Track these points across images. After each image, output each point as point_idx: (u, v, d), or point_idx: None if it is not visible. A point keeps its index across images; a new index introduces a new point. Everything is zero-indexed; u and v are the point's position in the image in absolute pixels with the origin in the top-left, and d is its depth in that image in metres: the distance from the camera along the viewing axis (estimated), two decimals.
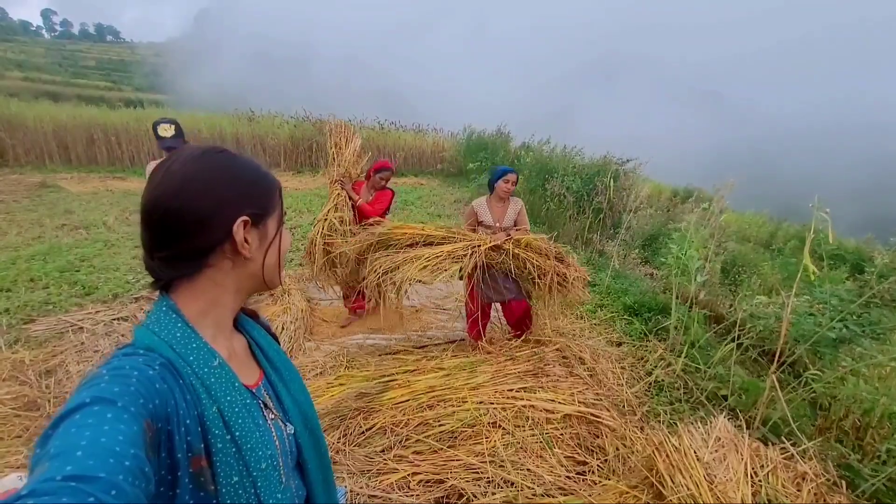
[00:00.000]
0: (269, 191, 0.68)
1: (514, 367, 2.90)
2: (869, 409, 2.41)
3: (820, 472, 2.02)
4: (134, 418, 0.46)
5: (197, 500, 0.55)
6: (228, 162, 0.64)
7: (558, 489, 2.15)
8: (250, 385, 0.68)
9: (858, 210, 8.64)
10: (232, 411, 0.60)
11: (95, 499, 0.36)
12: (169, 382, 0.55)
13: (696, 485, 1.82)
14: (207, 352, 0.61)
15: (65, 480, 0.36)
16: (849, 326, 2.50)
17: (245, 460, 0.60)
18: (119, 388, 0.48)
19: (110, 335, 3.42)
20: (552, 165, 8.11)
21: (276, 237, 0.69)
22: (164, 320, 0.61)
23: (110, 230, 5.88)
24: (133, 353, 0.56)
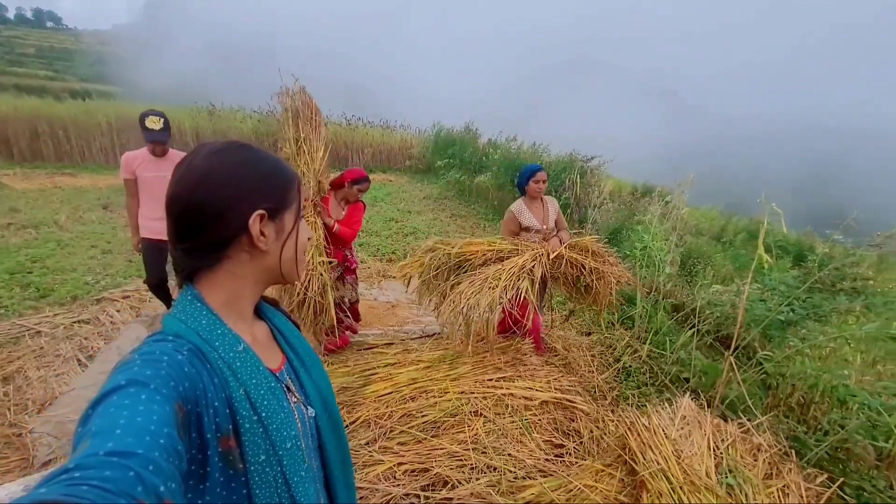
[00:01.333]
0: (287, 185, 0.70)
1: (493, 358, 2.99)
2: (813, 385, 2.65)
3: (773, 443, 2.22)
4: (166, 399, 0.49)
5: (226, 477, 0.59)
6: (247, 156, 0.66)
7: (538, 471, 2.25)
8: (274, 369, 0.71)
9: (796, 204, 9.48)
10: (258, 393, 0.63)
11: (135, 473, 0.38)
12: (197, 367, 0.57)
13: (665, 459, 1.97)
14: (232, 337, 0.64)
15: (107, 455, 0.39)
16: (795, 310, 2.73)
17: (272, 439, 0.63)
18: (151, 371, 0.51)
19: (71, 338, 3.27)
20: (520, 162, 8.29)
21: (294, 231, 0.71)
22: (189, 309, 0.64)
23: (63, 229, 5.56)
24: (163, 340, 0.59)
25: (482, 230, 7.42)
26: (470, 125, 12.09)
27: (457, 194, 10.13)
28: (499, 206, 8.81)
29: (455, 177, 10.38)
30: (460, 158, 10.70)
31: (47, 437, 2.37)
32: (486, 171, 9.72)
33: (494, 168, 9.10)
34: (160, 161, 2.97)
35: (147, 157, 2.95)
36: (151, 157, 2.95)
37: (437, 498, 2.11)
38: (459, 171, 10.51)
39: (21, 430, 2.40)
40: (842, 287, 2.75)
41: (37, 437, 2.36)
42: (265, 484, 0.62)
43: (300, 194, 0.73)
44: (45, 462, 2.22)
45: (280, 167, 0.70)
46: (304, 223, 0.75)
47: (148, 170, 2.95)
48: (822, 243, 3.70)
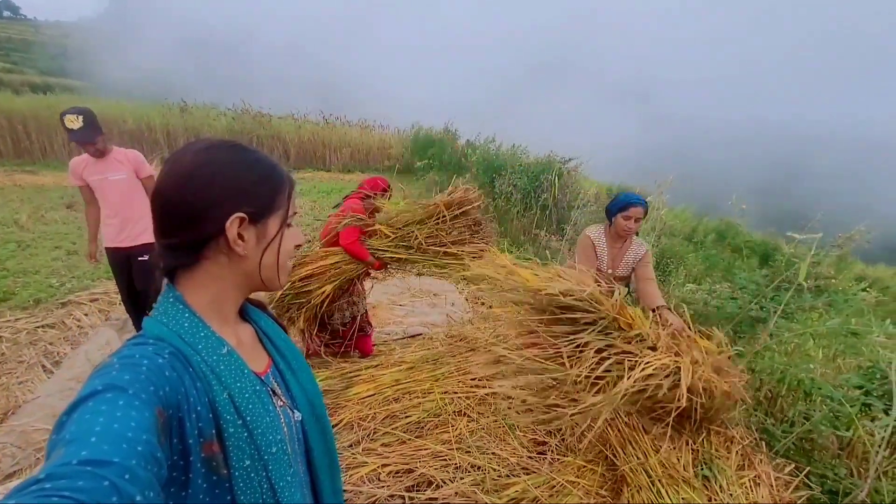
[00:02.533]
0: (274, 189, 0.67)
1: (476, 358, 3.01)
2: (780, 379, 2.77)
3: (745, 435, 2.31)
4: (145, 405, 0.47)
5: (210, 483, 0.57)
6: (235, 157, 0.65)
7: (522, 469, 2.28)
8: (259, 372, 0.70)
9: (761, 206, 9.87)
10: (242, 397, 0.62)
11: (110, 482, 0.37)
12: (178, 370, 0.56)
13: (645, 454, 2.03)
14: (216, 340, 0.63)
15: (81, 465, 0.38)
16: (763, 307, 2.85)
17: (256, 444, 0.61)
18: (130, 375, 0.50)
19: (36, 344, 3.12)
20: (499, 163, 8.36)
21: (277, 237, 0.68)
22: (171, 311, 0.62)
23: (24, 229, 5.31)
24: (143, 343, 0.57)
25: None
26: (449, 126, 12.14)
27: (436, 195, 10.15)
28: None
29: (434, 177, 10.39)
30: (439, 159, 10.72)
31: (11, 448, 2.25)
32: (466, 172, 9.77)
33: (474, 169, 9.15)
34: (101, 162, 2.73)
35: (90, 160, 2.72)
36: (94, 160, 2.72)
37: (422, 498, 2.11)
38: (439, 172, 10.53)
39: None
40: (806, 285, 2.88)
41: (0, 447, 2.25)
42: (250, 489, 0.61)
43: (290, 200, 0.70)
44: (9, 474, 2.12)
45: (270, 171, 0.68)
46: (294, 231, 0.72)
47: (92, 173, 2.74)
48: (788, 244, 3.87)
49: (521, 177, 7.43)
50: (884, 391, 2.21)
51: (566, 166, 7.50)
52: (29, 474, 1.56)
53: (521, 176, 7.46)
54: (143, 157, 2.88)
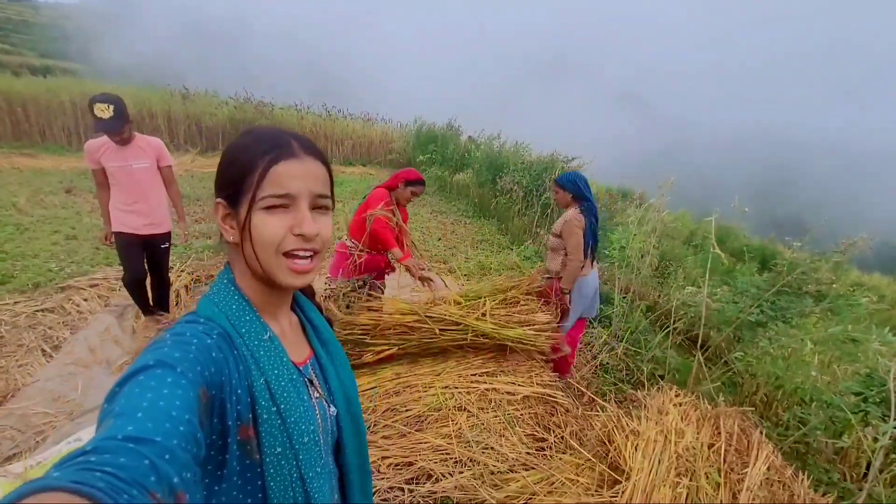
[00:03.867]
0: (241, 171, 0.61)
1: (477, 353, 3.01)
2: (778, 384, 2.79)
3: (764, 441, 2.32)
4: (191, 384, 0.49)
5: (243, 466, 0.58)
6: (237, 141, 0.65)
7: (521, 465, 2.29)
8: (298, 362, 0.70)
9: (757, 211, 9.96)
10: (278, 384, 0.62)
11: (150, 461, 0.38)
12: (224, 352, 0.57)
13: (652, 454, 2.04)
14: (259, 325, 0.64)
15: (125, 441, 0.39)
16: (764, 311, 2.87)
17: (289, 432, 0.62)
18: (180, 353, 0.51)
19: (35, 328, 3.10)
20: (502, 161, 8.34)
21: (245, 223, 0.61)
22: (223, 292, 0.64)
23: (22, 213, 5.26)
24: (195, 321, 0.59)
25: (463, 227, 7.44)
26: (452, 122, 12.10)
27: (438, 190, 10.13)
28: (479, 203, 8.85)
29: (436, 173, 10.37)
30: (442, 155, 10.70)
31: (10, 431, 2.25)
32: (468, 168, 9.75)
33: (476, 166, 9.14)
34: (124, 150, 2.69)
35: (110, 144, 2.67)
36: (115, 145, 2.67)
37: (422, 491, 2.12)
38: (441, 168, 10.51)
39: None
40: (807, 290, 2.91)
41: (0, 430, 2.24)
42: (280, 477, 0.61)
43: (261, 180, 0.60)
44: (8, 456, 2.11)
45: (241, 151, 0.62)
46: (290, 215, 0.62)
47: (112, 159, 2.69)
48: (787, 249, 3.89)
49: (524, 175, 7.42)
50: (881, 398, 2.23)
51: (569, 165, 7.49)
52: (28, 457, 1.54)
53: (523, 174, 7.45)
54: (164, 146, 2.88)
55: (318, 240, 0.64)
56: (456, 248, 6.22)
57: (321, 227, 0.64)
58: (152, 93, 10.94)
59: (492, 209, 8.26)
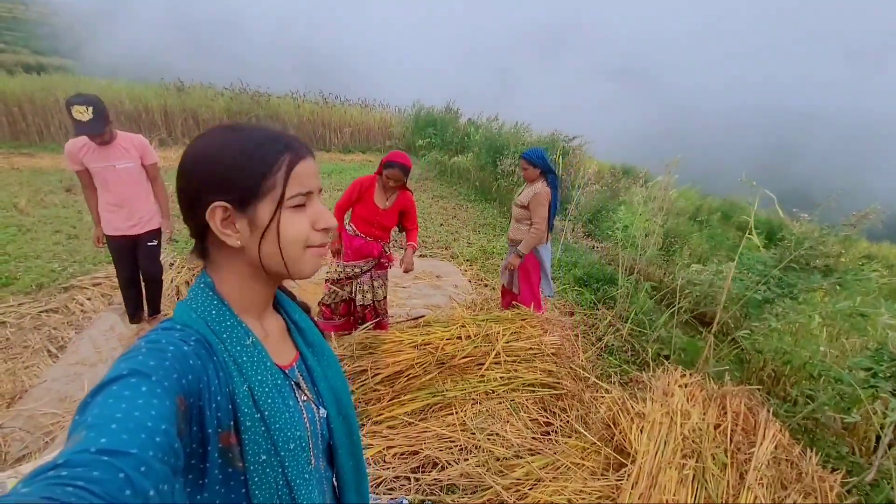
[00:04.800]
0: (259, 170, 0.59)
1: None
2: (786, 360, 2.76)
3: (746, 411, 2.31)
4: (167, 393, 0.47)
5: (225, 475, 0.57)
6: (223, 139, 0.60)
7: (527, 450, 2.29)
8: (283, 366, 0.68)
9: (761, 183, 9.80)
10: (262, 390, 0.60)
11: (125, 474, 0.36)
12: (203, 359, 0.56)
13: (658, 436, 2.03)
14: (241, 330, 0.62)
15: (98, 453, 0.37)
16: (771, 288, 2.82)
17: (273, 439, 0.60)
18: (155, 361, 0.49)
19: (40, 329, 3.12)
20: (502, 142, 8.22)
21: (273, 223, 0.60)
22: (201, 297, 0.62)
23: (23, 213, 5.26)
24: (171, 328, 0.57)
25: (464, 212, 7.38)
26: (451, 104, 11.91)
27: (438, 175, 10.03)
28: (480, 186, 8.76)
29: (436, 157, 10.26)
30: (441, 138, 10.56)
31: (19, 432, 2.27)
32: (468, 151, 9.63)
33: (476, 149, 9.02)
34: (106, 149, 2.61)
35: (91, 144, 2.58)
36: (96, 146, 2.59)
37: (428, 479, 2.13)
38: (440, 152, 10.39)
39: None
40: (815, 265, 2.85)
41: (8, 431, 2.27)
42: (265, 485, 0.60)
43: (287, 180, 0.60)
44: (18, 458, 2.13)
45: (254, 151, 0.60)
46: (312, 212, 0.64)
47: (95, 160, 2.61)
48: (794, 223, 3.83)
49: None
50: (891, 373, 2.20)
51: (570, 144, 7.37)
52: (38, 458, 1.54)
53: None
54: (148, 144, 2.80)
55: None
56: (458, 233, 6.17)
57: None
58: (147, 88, 10.83)
59: (493, 192, 8.18)
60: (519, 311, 3.04)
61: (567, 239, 5.88)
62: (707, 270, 3.56)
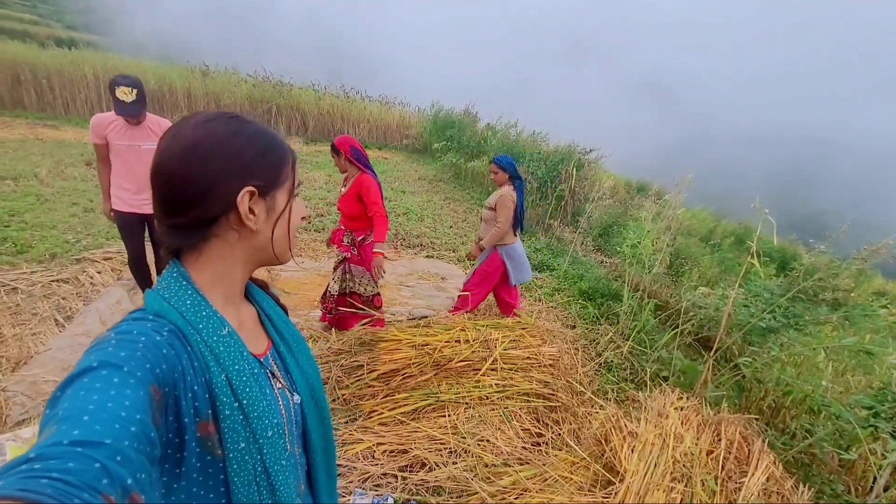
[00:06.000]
0: (279, 161, 0.66)
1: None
2: (787, 392, 2.72)
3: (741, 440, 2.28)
4: (140, 383, 0.47)
5: (203, 463, 0.57)
6: (237, 129, 0.63)
7: (516, 459, 2.29)
8: (258, 354, 0.69)
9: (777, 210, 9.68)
10: (240, 379, 0.61)
11: (101, 464, 0.36)
12: (177, 348, 0.55)
13: (648, 456, 2.01)
14: (217, 320, 0.62)
15: (71, 445, 0.37)
16: (777, 318, 2.79)
17: (252, 427, 0.61)
18: (126, 352, 0.49)
19: (49, 297, 3.19)
20: (518, 150, 8.22)
21: (286, 210, 0.68)
22: (174, 287, 0.61)
23: (43, 183, 5.38)
24: (142, 318, 0.57)
25: (475, 216, 7.39)
26: (470, 108, 11.93)
27: (452, 177, 10.05)
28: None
29: (451, 159, 10.28)
30: (458, 141, 10.58)
31: (21, 397, 2.32)
32: (483, 155, 9.64)
33: (492, 153, 9.02)
34: (134, 129, 2.69)
35: (119, 122, 2.65)
36: (124, 124, 2.65)
37: (415, 479, 2.13)
38: (456, 154, 10.41)
39: None
40: (823, 298, 2.81)
41: (10, 395, 2.32)
42: (244, 472, 0.61)
43: (294, 172, 0.70)
44: (18, 421, 2.18)
45: (272, 142, 0.66)
46: (299, 201, 0.73)
47: (120, 137, 2.68)
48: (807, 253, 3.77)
49: (540, 165, 7.30)
50: (893, 413, 2.16)
51: (586, 157, 7.35)
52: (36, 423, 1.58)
53: (538, 164, 7.33)
54: None
55: None
56: (467, 237, 6.18)
57: None
58: (172, 68, 11.00)
59: None
60: (520, 320, 3.04)
61: (576, 251, 5.86)
62: (714, 294, 3.53)
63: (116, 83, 2.46)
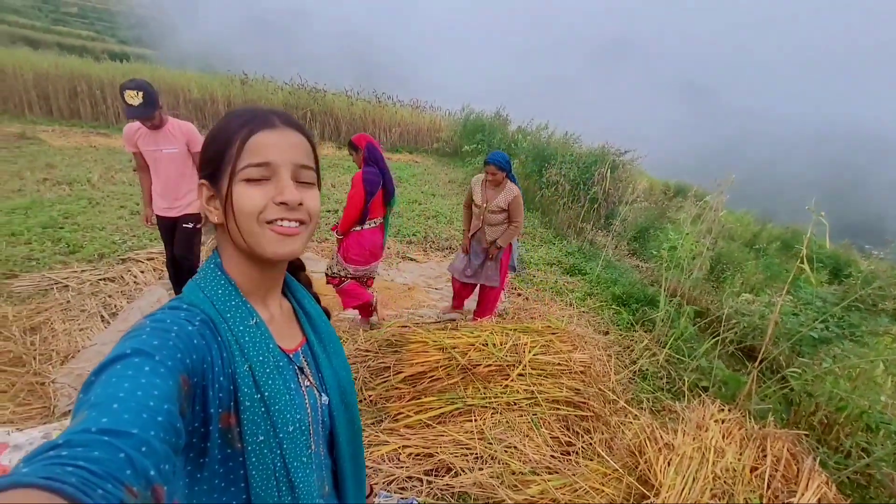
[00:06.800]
0: (221, 146, 0.61)
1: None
2: (842, 407, 2.52)
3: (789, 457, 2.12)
4: (170, 372, 0.47)
5: (224, 455, 0.57)
6: (217, 122, 0.64)
7: (544, 468, 2.22)
8: (288, 349, 0.69)
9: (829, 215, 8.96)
10: (263, 371, 0.60)
11: (126, 455, 0.36)
12: (207, 339, 0.56)
13: (687, 472, 1.91)
14: (245, 310, 0.63)
15: (99, 433, 0.37)
16: (830, 328, 2.59)
17: (272, 420, 0.60)
18: (158, 341, 0.50)
19: (97, 295, 3.36)
20: (549, 152, 8.08)
21: (227, 196, 0.60)
22: (210, 276, 0.63)
23: (94, 188, 5.71)
24: (177, 307, 0.58)
25: None
26: (500, 111, 11.86)
27: None
28: (524, 195, 8.64)
29: (481, 163, 10.23)
30: (488, 144, 10.53)
31: (68, 388, 2.44)
32: (514, 158, 9.54)
33: (522, 156, 8.92)
34: (156, 134, 2.76)
35: (144, 129, 2.73)
36: (149, 130, 2.73)
37: (440, 483, 2.10)
38: None
39: (44, 379, 2.48)
40: (883, 307, 2.59)
41: (58, 387, 2.45)
42: (262, 466, 0.60)
43: (240, 152, 0.59)
44: (65, 412, 2.30)
45: (220, 127, 0.62)
46: (256, 187, 0.60)
47: (146, 143, 2.78)
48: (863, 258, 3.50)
49: (572, 167, 7.15)
50: None
51: (621, 159, 7.14)
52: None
53: (571, 166, 7.18)
54: (196, 131, 2.94)
55: (302, 210, 0.62)
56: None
57: (305, 198, 0.62)
58: (214, 78, 11.49)
59: (536, 201, 8.05)
60: (549, 324, 2.96)
61: (609, 255, 5.69)
62: (759, 301, 3.32)
63: (123, 87, 2.51)
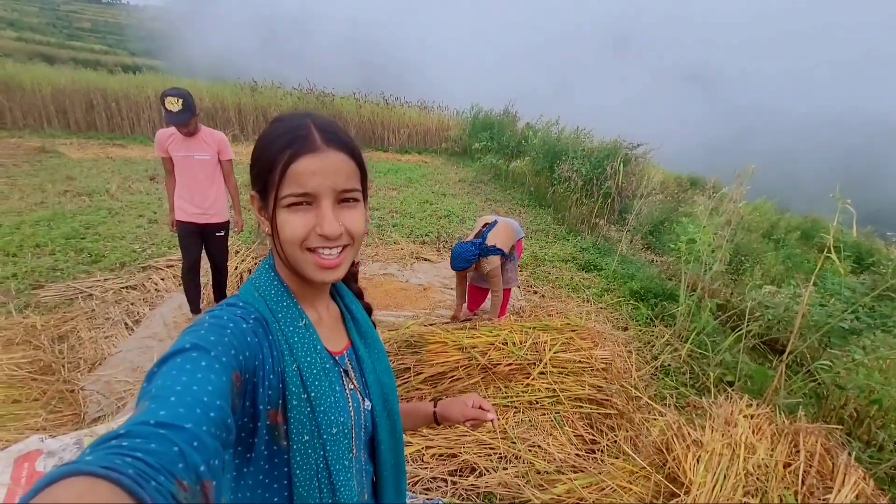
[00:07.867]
0: (266, 168, 0.60)
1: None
2: (874, 399, 2.45)
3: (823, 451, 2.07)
4: (224, 369, 0.49)
5: (270, 451, 0.59)
6: (266, 130, 0.64)
7: (569, 466, 2.20)
8: (335, 352, 0.70)
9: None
10: (310, 372, 0.62)
11: (179, 449, 0.38)
12: (260, 337, 0.58)
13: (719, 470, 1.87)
14: (296, 311, 0.65)
15: (157, 426, 0.39)
16: (860, 318, 2.52)
17: (317, 421, 0.61)
18: (215, 337, 0.52)
19: (120, 303, 3.42)
20: (560, 147, 8.01)
21: (273, 219, 0.61)
22: (264, 276, 0.66)
23: (113, 198, 5.82)
24: (234, 304, 0.61)
25: (517, 217, 7.27)
26: (509, 108, 11.80)
27: (492, 178, 9.96)
28: (535, 192, 8.60)
29: (491, 160, 10.19)
30: (497, 142, 10.49)
31: (97, 395, 2.49)
32: (524, 156, 9.49)
33: (533, 153, 8.86)
34: (189, 141, 2.83)
35: (177, 135, 2.82)
36: (181, 136, 2.82)
37: (465, 484, 2.09)
38: (496, 155, 10.31)
39: (73, 386, 2.53)
40: None
41: (87, 394, 2.50)
42: (306, 465, 0.61)
43: (282, 179, 0.59)
44: (94, 418, 2.34)
45: (268, 146, 0.61)
46: (298, 215, 0.60)
47: (178, 149, 2.85)
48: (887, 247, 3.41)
49: (584, 163, 7.07)
50: None
51: (634, 152, 7.04)
52: (111, 420, 1.66)
53: (583, 162, 7.10)
54: (227, 140, 3.01)
55: (343, 237, 0.62)
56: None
57: (347, 221, 0.62)
58: (224, 86, 11.64)
59: (548, 198, 7.99)
60: (568, 322, 2.93)
61: (624, 251, 5.62)
62: (782, 293, 3.25)
63: (165, 95, 2.63)
